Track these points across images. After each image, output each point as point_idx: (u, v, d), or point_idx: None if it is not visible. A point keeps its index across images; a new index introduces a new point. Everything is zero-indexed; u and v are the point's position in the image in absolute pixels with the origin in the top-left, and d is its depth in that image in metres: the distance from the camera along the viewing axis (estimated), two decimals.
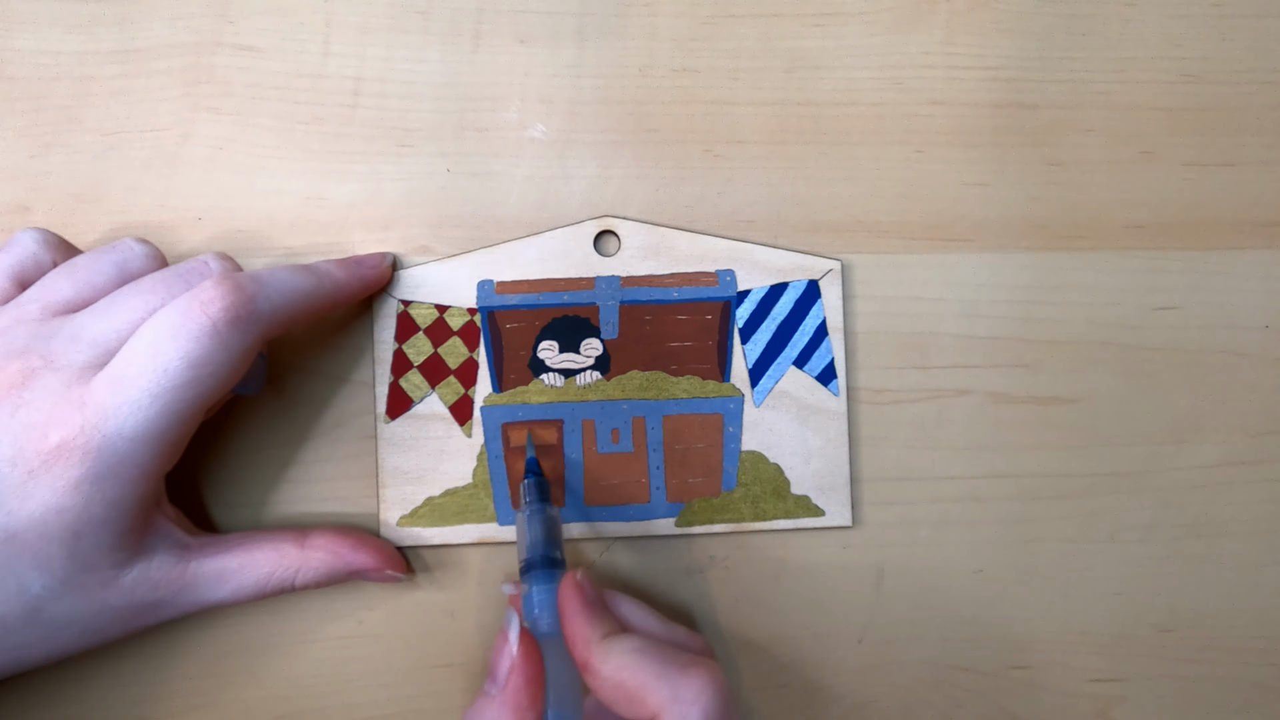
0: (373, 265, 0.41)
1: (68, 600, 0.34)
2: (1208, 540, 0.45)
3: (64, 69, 0.43)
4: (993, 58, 0.45)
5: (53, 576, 0.34)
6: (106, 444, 0.33)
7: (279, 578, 0.39)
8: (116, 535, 0.34)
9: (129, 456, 0.33)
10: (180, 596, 0.37)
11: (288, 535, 0.40)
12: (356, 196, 0.43)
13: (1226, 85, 0.45)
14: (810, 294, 0.43)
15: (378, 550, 0.41)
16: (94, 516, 0.33)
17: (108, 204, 0.43)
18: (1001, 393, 0.44)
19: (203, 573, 0.37)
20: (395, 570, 0.41)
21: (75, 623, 0.35)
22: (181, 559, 0.37)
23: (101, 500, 0.33)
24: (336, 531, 0.40)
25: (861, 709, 0.44)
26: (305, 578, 0.39)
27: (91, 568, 0.34)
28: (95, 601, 0.35)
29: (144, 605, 0.36)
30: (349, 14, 0.44)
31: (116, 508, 0.34)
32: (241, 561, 0.38)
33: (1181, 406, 0.45)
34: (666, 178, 0.44)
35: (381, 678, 0.43)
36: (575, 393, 0.43)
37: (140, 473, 0.34)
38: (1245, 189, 0.45)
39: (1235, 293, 0.45)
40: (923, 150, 0.45)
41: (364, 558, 0.40)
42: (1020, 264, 0.45)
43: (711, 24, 0.44)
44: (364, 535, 0.41)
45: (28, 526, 0.33)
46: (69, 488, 0.33)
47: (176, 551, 0.37)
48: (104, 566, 0.35)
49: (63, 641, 0.36)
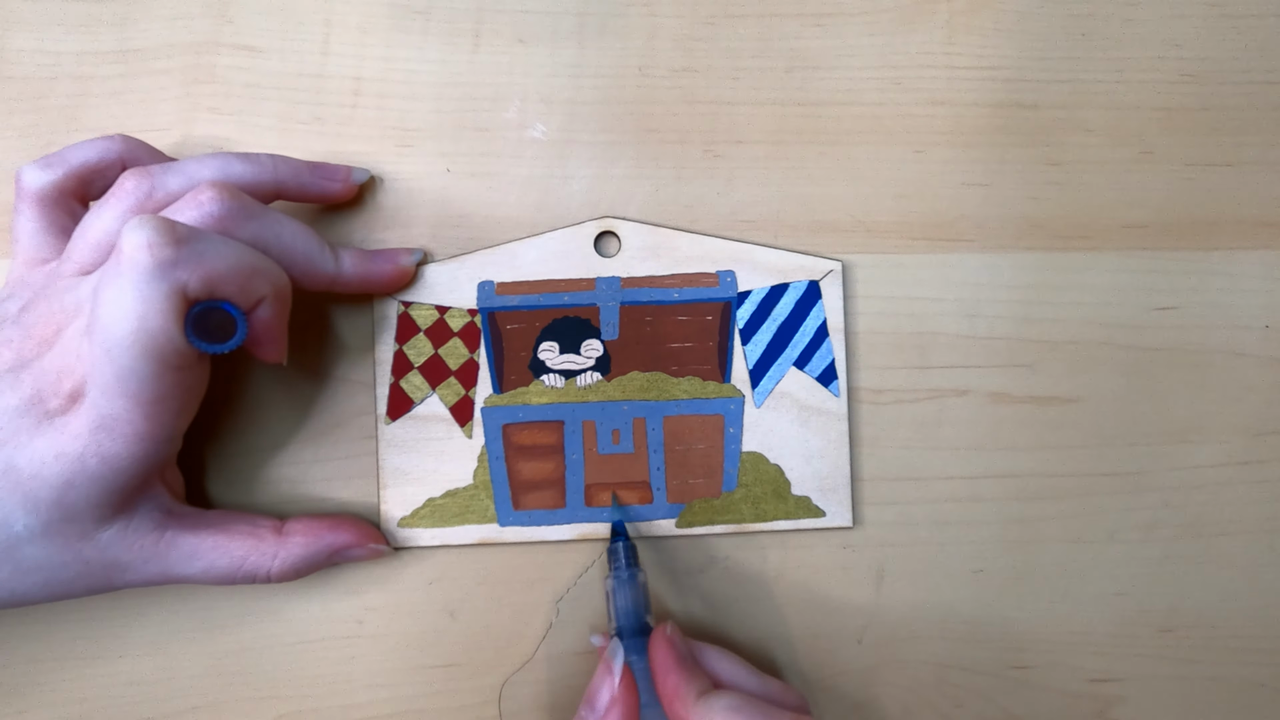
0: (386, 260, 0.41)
1: (43, 544, 0.35)
2: (1208, 540, 0.45)
3: (64, 69, 0.43)
4: (993, 58, 0.45)
5: (36, 518, 0.34)
6: (99, 398, 0.33)
7: (253, 563, 0.38)
8: (106, 492, 0.35)
9: (118, 412, 0.33)
10: (150, 564, 0.37)
11: (267, 521, 0.40)
12: (356, 196, 0.43)
13: (1226, 85, 0.45)
14: (811, 295, 0.43)
15: (355, 527, 0.41)
16: (88, 468, 0.34)
17: None
18: (1001, 393, 0.44)
19: (178, 544, 0.37)
20: (377, 544, 0.41)
21: (44, 568, 0.35)
22: (160, 525, 0.37)
23: (98, 453, 0.34)
24: (312, 517, 0.41)
25: (861, 709, 0.44)
26: (282, 564, 0.39)
27: (74, 518, 0.35)
28: (69, 550, 0.35)
29: (114, 564, 0.36)
30: (349, 14, 0.44)
31: (111, 464, 0.34)
32: (217, 540, 0.38)
33: (1181, 406, 0.45)
34: (666, 178, 0.44)
35: (381, 678, 0.43)
36: (576, 394, 0.43)
37: (133, 431, 0.34)
38: (1245, 189, 0.45)
39: (1235, 293, 0.45)
40: (923, 150, 0.45)
41: (343, 535, 0.40)
42: (1020, 264, 0.45)
43: (711, 24, 0.44)
44: (340, 516, 0.41)
45: (27, 464, 0.34)
46: (71, 436, 0.34)
47: (158, 516, 0.37)
48: (86, 520, 0.35)
49: (28, 585, 0.36)
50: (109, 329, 0.32)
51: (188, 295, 0.33)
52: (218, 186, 0.36)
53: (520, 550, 0.43)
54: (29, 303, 0.36)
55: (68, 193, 0.39)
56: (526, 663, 0.43)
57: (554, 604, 0.43)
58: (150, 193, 0.37)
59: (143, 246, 0.32)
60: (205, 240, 0.34)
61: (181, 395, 0.35)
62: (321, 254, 0.39)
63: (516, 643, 0.43)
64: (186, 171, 0.38)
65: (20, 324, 0.36)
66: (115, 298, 0.32)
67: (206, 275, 0.33)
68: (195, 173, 0.38)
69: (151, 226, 0.32)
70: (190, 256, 0.33)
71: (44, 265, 0.38)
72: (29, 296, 0.37)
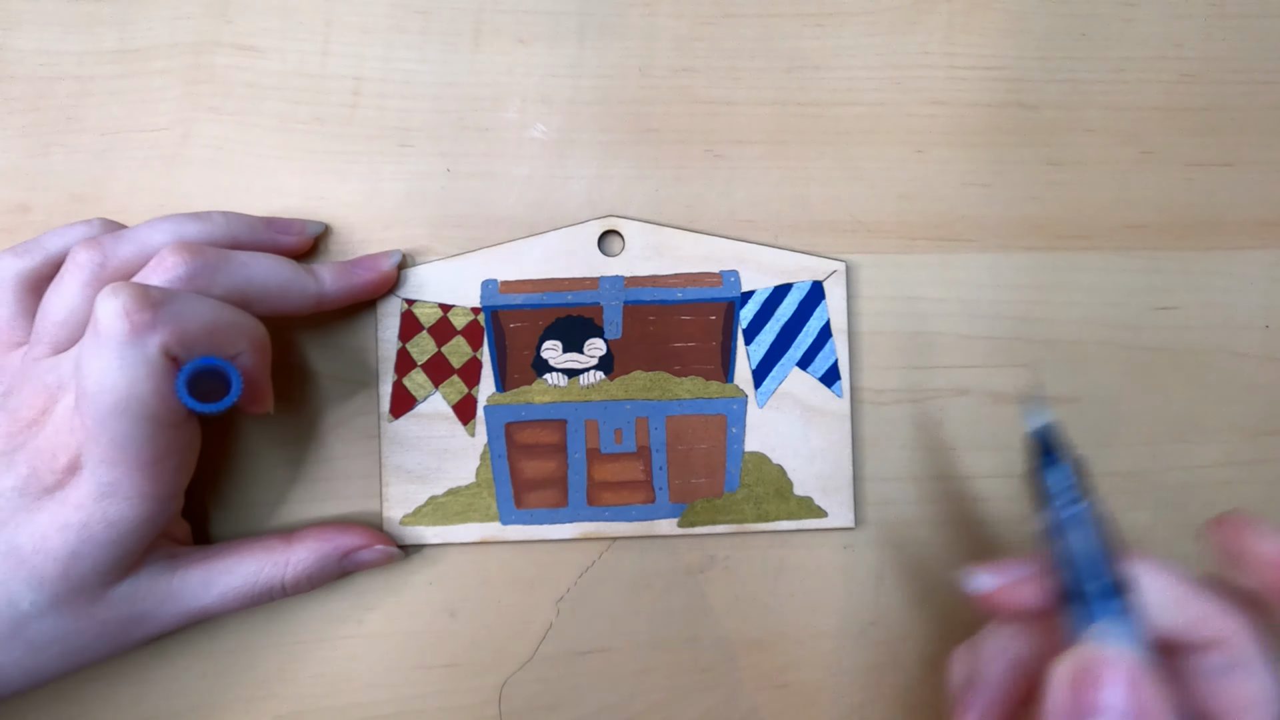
0: (366, 268, 0.41)
1: (53, 617, 0.35)
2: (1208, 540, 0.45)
3: (64, 69, 0.43)
4: (993, 58, 0.45)
5: (42, 593, 0.34)
6: (98, 467, 0.33)
7: (267, 575, 0.39)
8: (115, 557, 0.35)
9: (119, 478, 0.33)
10: (165, 607, 0.37)
11: (273, 534, 0.40)
12: (356, 196, 0.43)
13: (1226, 85, 0.45)
14: (814, 295, 0.43)
15: (363, 529, 0.41)
16: (95, 536, 0.34)
17: (108, 204, 0.43)
18: (1001, 393, 0.44)
19: (190, 580, 0.38)
20: (386, 544, 0.41)
21: (59, 640, 0.35)
22: (169, 568, 0.37)
23: (103, 519, 0.34)
24: (320, 524, 0.41)
25: (861, 709, 0.44)
26: (295, 572, 0.39)
27: (83, 588, 0.35)
28: (82, 617, 0.35)
29: (130, 618, 0.37)
30: (349, 14, 0.44)
31: (118, 528, 0.34)
32: (227, 564, 0.38)
33: (1181, 406, 0.45)
34: (667, 178, 0.44)
35: (381, 678, 0.43)
36: (578, 393, 0.43)
37: (136, 492, 0.34)
38: (1245, 189, 0.45)
39: (1235, 293, 0.45)
40: (923, 150, 0.45)
41: (352, 537, 0.40)
42: (1020, 264, 0.45)
43: (711, 24, 0.44)
44: (347, 523, 0.42)
45: (29, 541, 0.34)
46: (73, 507, 0.34)
47: (165, 562, 0.37)
48: (94, 586, 0.35)
49: (45, 661, 0.36)
50: (98, 400, 0.32)
51: (170, 355, 0.33)
52: (179, 249, 0.36)
53: (521, 550, 0.43)
54: (10, 388, 0.37)
55: (44, 279, 0.39)
56: (526, 663, 0.43)
57: (554, 604, 0.43)
58: (104, 262, 0.37)
59: (119, 314, 0.32)
60: (179, 300, 0.33)
61: (180, 450, 0.35)
62: (300, 280, 0.39)
63: (516, 643, 0.43)
64: (138, 238, 0.38)
65: (5, 409, 0.36)
66: (99, 368, 0.32)
67: (183, 334, 0.33)
68: (147, 238, 0.38)
69: (125, 293, 0.32)
70: (166, 318, 0.33)
71: (17, 349, 0.38)
72: (9, 382, 0.37)
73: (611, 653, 0.43)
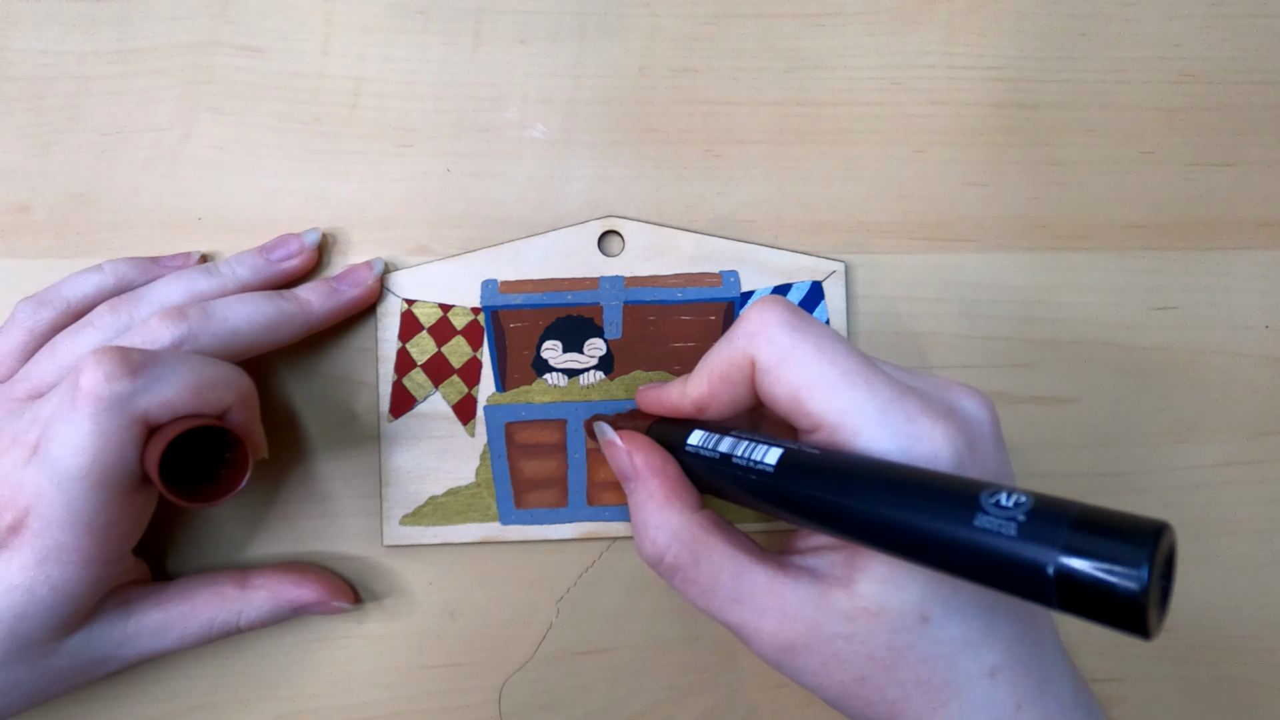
0: (351, 284, 0.41)
1: (7, 671, 0.35)
2: (1208, 540, 0.45)
3: (64, 69, 0.43)
4: (993, 58, 0.45)
5: None
6: (45, 529, 0.33)
7: (222, 621, 0.39)
8: (60, 616, 0.34)
9: (67, 542, 0.33)
10: (123, 650, 0.37)
11: (227, 578, 0.40)
12: (356, 196, 0.43)
13: (1226, 85, 0.45)
14: (814, 296, 0.43)
15: (319, 582, 0.40)
16: (40, 599, 0.33)
17: (108, 204, 0.43)
18: (1001, 393, 0.44)
19: (145, 626, 0.37)
20: (341, 600, 0.41)
21: (18, 686, 0.35)
22: (124, 616, 0.37)
23: (47, 583, 0.33)
24: (277, 569, 0.41)
25: None
26: (249, 619, 0.39)
27: (33, 644, 0.34)
28: (37, 669, 0.35)
29: (88, 663, 0.37)
30: (349, 14, 0.44)
31: (61, 592, 0.34)
32: (182, 611, 0.38)
33: (1181, 406, 0.45)
34: (666, 178, 0.44)
35: (381, 678, 0.43)
36: (578, 393, 0.43)
37: (82, 557, 0.33)
38: (1245, 189, 0.45)
39: (1235, 293, 0.45)
40: (923, 150, 0.45)
41: (306, 592, 0.40)
42: (1020, 264, 0.45)
43: (711, 24, 0.44)
44: (306, 568, 0.41)
45: None
46: (17, 569, 0.33)
47: (119, 610, 0.37)
48: (46, 641, 0.35)
49: (9, 702, 0.36)
50: (61, 462, 0.32)
51: (148, 423, 0.33)
52: (166, 315, 0.36)
53: (520, 550, 0.43)
54: None
55: (58, 327, 0.39)
56: (526, 663, 0.43)
57: (554, 604, 0.43)
58: (127, 325, 0.38)
59: (100, 381, 0.32)
60: (162, 364, 0.33)
61: (134, 518, 0.35)
62: (284, 310, 0.39)
63: (516, 643, 0.43)
64: (156, 300, 0.38)
65: None
66: (70, 431, 0.32)
67: (165, 400, 0.33)
68: (166, 298, 0.38)
69: (109, 359, 0.32)
70: (148, 384, 0.33)
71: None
72: None
73: (611, 653, 0.43)
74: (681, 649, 0.44)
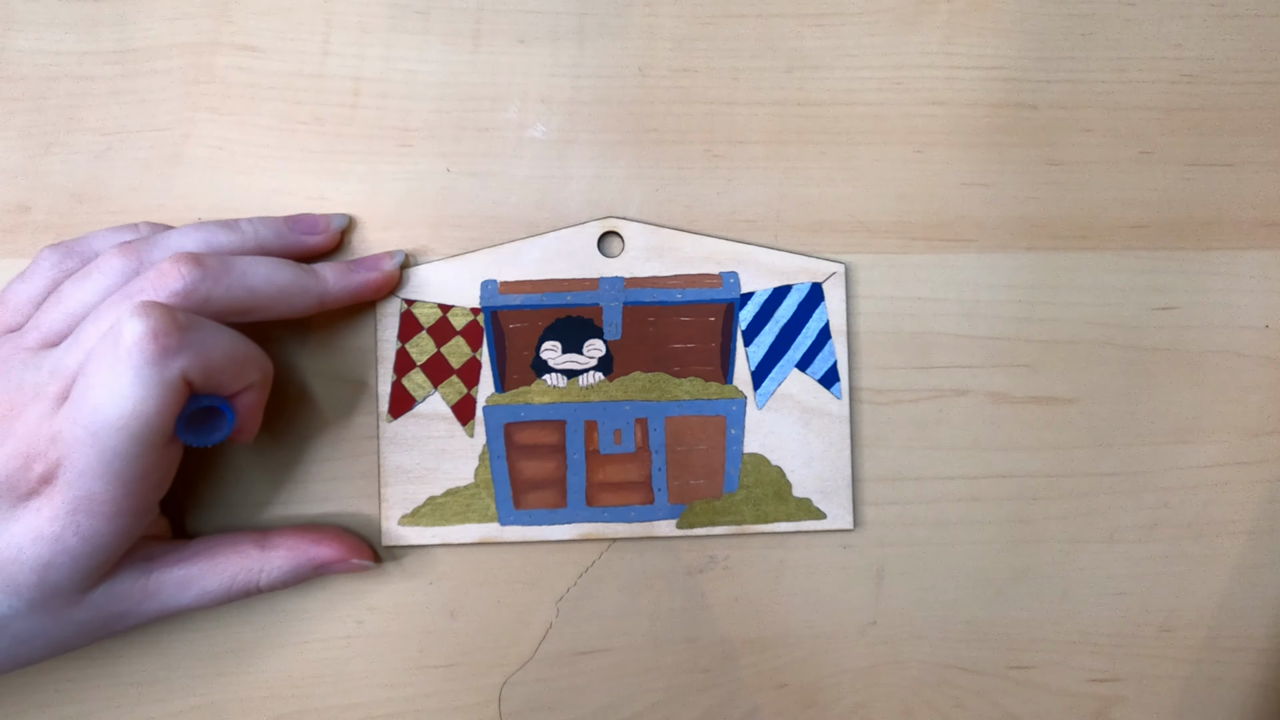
0: (369, 268, 0.41)
1: (30, 619, 0.35)
2: (1208, 540, 0.45)
3: (64, 69, 0.43)
4: (993, 58, 0.45)
5: (20, 599, 0.34)
6: (78, 479, 0.33)
7: (243, 580, 0.39)
8: (88, 567, 0.35)
9: (99, 492, 0.33)
10: (144, 605, 0.37)
11: (248, 537, 0.40)
12: (356, 196, 0.43)
13: (1226, 85, 0.45)
14: (814, 297, 0.43)
15: (340, 541, 0.41)
16: (69, 548, 0.34)
17: (108, 204, 0.43)
18: (1001, 393, 0.44)
19: (167, 581, 0.38)
20: (361, 559, 0.41)
21: (39, 636, 0.35)
22: (145, 571, 0.37)
23: (76, 533, 0.34)
24: (297, 529, 0.41)
25: (861, 709, 0.44)
26: (270, 578, 0.39)
27: (59, 593, 0.35)
28: (61, 619, 0.35)
29: (109, 616, 0.37)
30: (349, 14, 0.44)
31: (92, 542, 0.34)
32: (203, 567, 0.38)
33: (1181, 406, 0.45)
34: (666, 178, 0.44)
35: (381, 678, 0.43)
36: (578, 393, 0.43)
37: (114, 509, 0.34)
38: (1245, 189, 0.45)
39: (1235, 293, 0.45)
40: (923, 150, 0.45)
41: (326, 550, 0.40)
42: (1020, 264, 0.45)
43: (711, 24, 0.44)
44: (325, 529, 0.41)
45: (4, 549, 0.34)
46: (47, 518, 0.33)
47: (142, 565, 0.37)
48: (71, 591, 0.35)
49: (29, 651, 0.36)
50: (99, 411, 0.32)
51: (187, 381, 0.33)
52: (179, 259, 0.36)
53: (520, 550, 0.43)
54: None
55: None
56: (526, 663, 0.43)
57: (554, 604, 0.43)
58: (137, 269, 0.37)
59: (147, 335, 0.32)
60: (204, 328, 0.34)
61: (164, 470, 0.35)
62: (302, 282, 0.39)
63: (516, 643, 0.43)
64: (171, 246, 0.38)
65: None
66: (111, 382, 0.32)
67: (206, 363, 0.33)
68: (181, 245, 0.38)
69: (155, 315, 0.32)
70: (192, 344, 0.33)
71: (6, 331, 0.38)
72: None
73: (611, 653, 0.43)
74: (681, 649, 0.44)
